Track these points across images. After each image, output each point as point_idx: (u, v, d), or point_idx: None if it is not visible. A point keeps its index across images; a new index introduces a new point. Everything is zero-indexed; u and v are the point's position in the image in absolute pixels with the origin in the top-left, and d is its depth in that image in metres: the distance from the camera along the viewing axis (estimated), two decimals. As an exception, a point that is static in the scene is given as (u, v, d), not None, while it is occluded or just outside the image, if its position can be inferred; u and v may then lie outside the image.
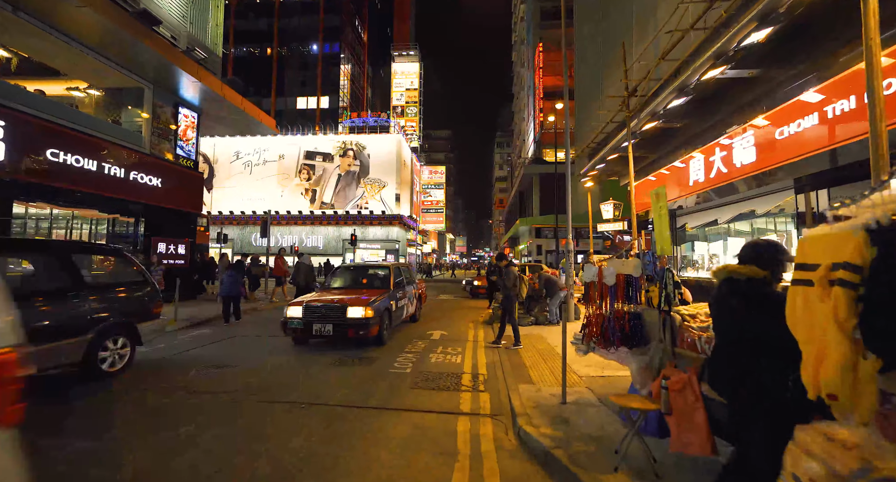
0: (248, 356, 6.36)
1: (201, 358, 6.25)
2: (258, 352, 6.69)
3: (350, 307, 6.50)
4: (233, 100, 13.31)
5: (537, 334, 7.87)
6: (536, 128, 43.60)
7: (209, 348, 6.95)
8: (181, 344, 7.23)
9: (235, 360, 6.01)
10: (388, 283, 8.01)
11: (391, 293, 7.61)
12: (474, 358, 6.25)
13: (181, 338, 7.73)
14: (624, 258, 3.65)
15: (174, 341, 7.48)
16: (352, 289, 7.86)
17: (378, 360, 5.99)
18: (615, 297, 3.47)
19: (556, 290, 9.11)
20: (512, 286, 7.03)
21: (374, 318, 6.50)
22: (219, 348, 6.98)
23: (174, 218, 12.39)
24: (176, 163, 12.44)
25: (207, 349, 6.88)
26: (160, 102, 11.82)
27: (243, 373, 5.31)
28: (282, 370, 5.53)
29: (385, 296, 7.26)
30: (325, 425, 3.64)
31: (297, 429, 3.54)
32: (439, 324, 9.50)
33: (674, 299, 2.86)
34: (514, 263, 10.46)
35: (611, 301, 3.51)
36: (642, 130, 9.57)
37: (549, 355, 6.20)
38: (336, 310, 6.54)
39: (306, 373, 5.37)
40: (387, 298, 7.28)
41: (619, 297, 3.43)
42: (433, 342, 7.39)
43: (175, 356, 6.36)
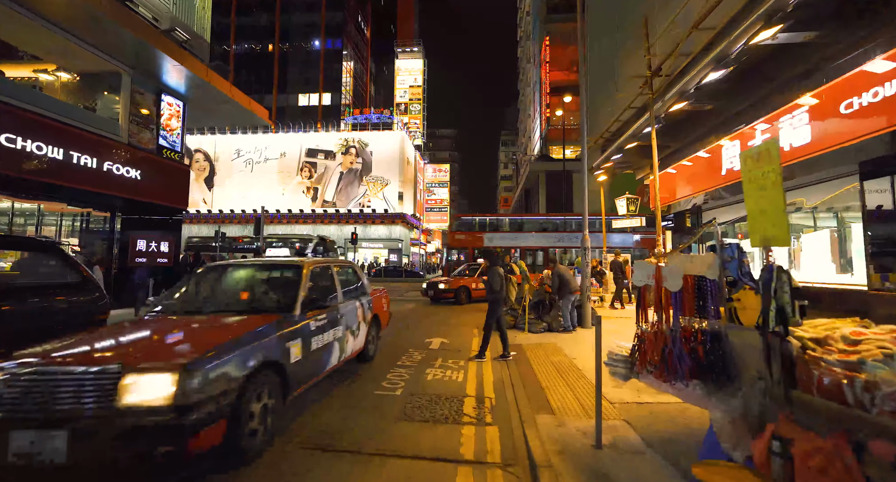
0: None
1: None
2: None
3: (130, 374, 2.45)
4: (221, 87, 12.42)
5: (551, 343, 6.88)
6: (543, 124, 42.50)
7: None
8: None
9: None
10: (293, 301, 3.86)
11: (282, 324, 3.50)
12: (479, 374, 5.27)
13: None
14: (686, 254, 2.66)
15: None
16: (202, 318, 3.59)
17: (362, 378, 5.03)
18: (681, 308, 2.48)
19: (568, 291, 8.12)
20: (499, 289, 6.05)
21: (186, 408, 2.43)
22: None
23: (156, 213, 11.51)
24: (158, 154, 11.56)
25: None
26: (140, 89, 10.94)
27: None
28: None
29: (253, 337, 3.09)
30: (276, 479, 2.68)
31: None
32: (439, 330, 8.54)
33: (793, 315, 1.86)
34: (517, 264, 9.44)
35: (675, 313, 2.52)
36: (669, 112, 8.55)
37: (568, 371, 5.21)
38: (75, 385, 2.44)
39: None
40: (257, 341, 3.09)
41: (688, 309, 2.44)
42: (431, 353, 6.42)
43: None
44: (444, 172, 60.70)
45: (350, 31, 50.05)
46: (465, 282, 13.00)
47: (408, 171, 45.33)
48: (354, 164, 43.22)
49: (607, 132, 12.75)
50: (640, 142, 10.76)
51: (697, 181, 9.96)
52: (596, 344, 3.33)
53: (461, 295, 12.73)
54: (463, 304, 12.78)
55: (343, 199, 42.91)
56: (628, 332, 8.24)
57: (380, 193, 42.49)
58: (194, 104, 13.13)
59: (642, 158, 12.77)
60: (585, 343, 6.92)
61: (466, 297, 12.83)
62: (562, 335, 7.64)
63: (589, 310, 8.27)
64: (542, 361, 5.75)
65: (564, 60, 41.57)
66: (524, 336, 7.58)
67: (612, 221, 14.38)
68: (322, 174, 43.57)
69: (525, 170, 49.21)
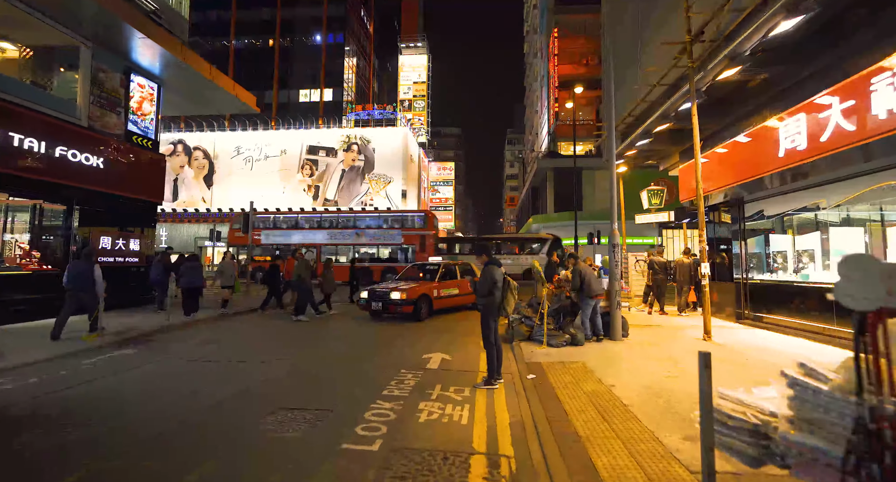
0: (155, 403, 4.16)
1: (80, 401, 4.07)
2: (174, 394, 4.48)
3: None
4: (199, 68, 11.19)
5: (578, 363, 5.53)
6: (551, 119, 41.03)
7: (108, 381, 4.78)
8: (77, 373, 5.09)
9: (125, 412, 3.82)
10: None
11: None
12: (490, 411, 3.95)
13: (87, 363, 5.60)
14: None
15: (77, 366, 5.37)
16: None
17: (331, 417, 3.73)
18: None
19: (588, 295, 6.77)
20: (486, 293, 4.72)
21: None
22: (122, 382, 4.80)
23: (124, 207, 10.31)
24: (127, 141, 10.36)
25: (105, 383, 4.71)
26: (104, 66, 9.74)
27: (118, 441, 3.10)
28: (177, 437, 3.31)
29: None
30: None
31: None
32: (441, 341, 7.22)
33: None
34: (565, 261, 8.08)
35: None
36: (715, 82, 7.16)
37: (610, 408, 3.85)
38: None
39: (207, 442, 3.15)
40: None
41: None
42: (429, 375, 5.10)
43: (41, 398, 4.18)
44: (448, 170, 59.41)
45: (352, 26, 48.87)
46: (424, 290, 9.54)
47: (411, 169, 44.07)
48: (356, 161, 42.03)
49: (630, 116, 11.35)
50: (671, 123, 9.37)
51: (738, 168, 8.57)
52: (701, 396, 1.98)
53: (421, 307, 9.23)
54: (423, 321, 9.24)
55: (345, 198, 41.71)
56: (670, 346, 6.86)
57: (382, 191, 41.27)
58: (172, 88, 11.92)
59: (670, 145, 11.37)
60: (621, 362, 5.57)
61: (428, 310, 9.49)
62: (588, 350, 6.28)
63: (619, 318, 6.92)
64: (572, 390, 4.40)
65: (574, 53, 40.15)
66: (542, 351, 6.24)
67: (636, 217, 12.95)
68: (323, 172, 42.45)
69: (532, 167, 47.72)
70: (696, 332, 7.63)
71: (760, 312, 8.39)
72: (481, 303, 4.80)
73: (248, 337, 7.86)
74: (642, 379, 4.74)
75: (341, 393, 4.39)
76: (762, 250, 8.86)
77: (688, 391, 4.22)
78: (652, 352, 6.05)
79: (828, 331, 6.42)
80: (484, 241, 6.17)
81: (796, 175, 6.82)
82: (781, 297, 7.84)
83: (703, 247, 6.99)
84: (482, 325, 4.81)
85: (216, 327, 8.72)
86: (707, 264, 6.96)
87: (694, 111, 7.20)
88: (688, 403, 3.83)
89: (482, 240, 21.67)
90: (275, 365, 5.60)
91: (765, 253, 8.76)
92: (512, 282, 4.94)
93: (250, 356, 6.12)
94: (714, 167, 9.59)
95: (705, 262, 6.98)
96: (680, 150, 11.27)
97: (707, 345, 6.51)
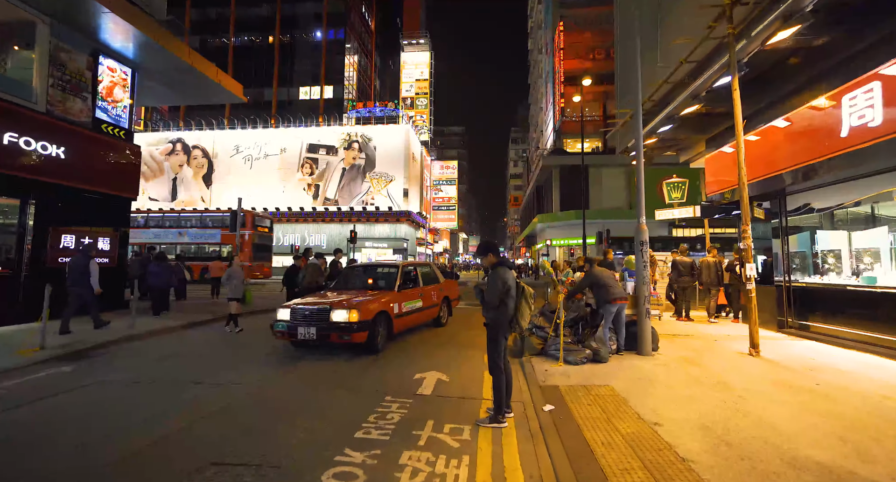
0: (43, 452, 3.14)
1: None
2: (78, 437, 3.45)
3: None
4: (177, 52, 10.23)
5: (605, 388, 4.45)
6: (556, 115, 39.85)
7: (8, 416, 3.76)
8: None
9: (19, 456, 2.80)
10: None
11: None
12: (497, 466, 2.89)
13: (6, 386, 4.60)
14: None
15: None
16: None
17: (279, 476, 2.68)
18: None
19: (605, 300, 5.73)
20: (496, 304, 3.67)
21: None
22: (26, 416, 3.79)
23: (92, 203, 9.36)
24: (95, 129, 9.40)
25: (9, 416, 3.70)
26: (66, 46, 8.79)
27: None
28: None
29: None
30: None
31: None
32: (437, 355, 6.16)
33: None
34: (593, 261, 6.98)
35: None
36: (763, 49, 6.06)
37: (668, 469, 2.76)
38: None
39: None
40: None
41: None
42: (419, 406, 4.05)
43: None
44: (451, 169, 58.40)
45: (354, 22, 48.00)
46: (381, 305, 6.33)
47: (413, 168, 43.09)
48: (357, 159, 41.13)
49: (649, 100, 10.22)
50: (700, 105, 8.27)
51: (778, 156, 7.47)
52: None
53: (378, 332, 6.18)
54: (381, 352, 6.29)
55: (345, 197, 40.84)
56: (713, 363, 5.49)
57: (384, 190, 40.33)
58: (149, 74, 10.97)
59: (692, 133, 10.25)
60: (658, 386, 4.49)
61: (388, 334, 6.55)
62: (613, 369, 5.21)
63: (648, 329, 5.84)
64: (604, 431, 3.34)
65: (580, 47, 39.06)
66: (559, 370, 5.17)
67: (656, 213, 11.84)
68: (324, 171, 41.58)
69: (537, 166, 46.57)
70: (736, 345, 6.54)
71: (807, 320, 7.29)
72: (490, 317, 3.75)
73: (217, 348, 6.83)
74: (694, 413, 3.67)
75: (301, 436, 3.35)
76: (807, 249, 7.73)
77: (765, 436, 3.15)
78: (693, 373, 4.97)
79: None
80: (489, 239, 4.49)
81: (853, 160, 5.70)
82: (835, 304, 6.73)
83: (749, 245, 5.89)
84: (489, 345, 3.76)
85: (184, 336, 7.71)
86: (753, 265, 5.86)
87: (735, 85, 6.12)
88: (777, 460, 2.76)
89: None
90: (233, 390, 4.57)
91: (810, 252, 7.64)
92: (527, 288, 3.88)
93: (210, 375, 5.10)
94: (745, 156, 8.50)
95: (750, 263, 5.88)
96: (706, 138, 10.15)
97: (757, 363, 5.42)
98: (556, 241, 33.10)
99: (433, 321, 8.48)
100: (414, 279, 7.80)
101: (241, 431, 3.43)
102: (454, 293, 9.54)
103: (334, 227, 40.31)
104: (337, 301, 6.19)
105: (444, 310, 8.78)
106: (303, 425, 3.55)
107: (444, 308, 8.77)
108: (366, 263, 8.82)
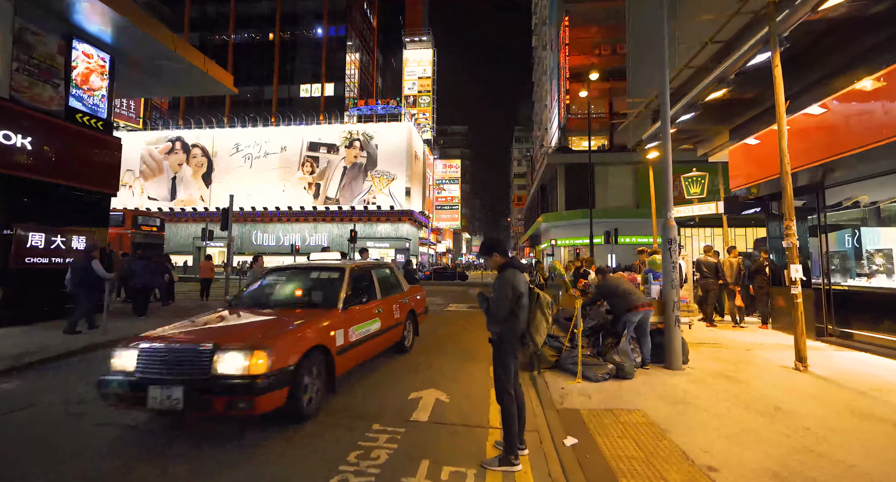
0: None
1: None
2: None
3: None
4: (160, 37, 9.55)
5: (636, 414, 3.69)
6: (562, 113, 39.05)
7: None
8: None
9: None
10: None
11: None
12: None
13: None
14: None
15: None
16: None
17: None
18: None
19: (625, 308, 4.99)
20: (504, 315, 2.96)
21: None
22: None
23: (65, 199, 8.70)
24: (69, 119, 8.74)
25: None
26: (35, 28, 8.12)
27: None
28: None
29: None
30: None
31: None
32: (438, 365, 5.42)
33: None
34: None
35: None
36: (815, 15, 5.30)
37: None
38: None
39: None
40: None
41: None
42: (413, 436, 3.32)
43: None
44: (454, 168, 57.67)
45: (355, 19, 47.36)
46: (316, 336, 3.76)
47: (416, 166, 42.38)
48: (359, 158, 40.47)
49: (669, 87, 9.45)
50: (727, 90, 7.49)
51: (815, 146, 6.71)
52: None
53: (304, 386, 3.53)
54: (307, 421, 3.58)
55: (346, 196, 40.19)
56: (756, 381, 4.30)
57: (385, 189, 39.65)
58: (130, 61, 10.30)
59: (715, 123, 9.46)
60: (700, 412, 3.73)
61: (324, 387, 3.89)
62: (641, 387, 4.45)
63: (679, 339, 5.08)
64: (644, 478, 2.60)
65: (585, 43, 38.25)
66: (577, 388, 4.42)
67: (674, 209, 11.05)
68: (324, 169, 40.94)
69: (541, 164, 45.76)
70: (773, 355, 5.78)
71: (850, 328, 6.50)
72: (496, 332, 3.02)
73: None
74: (755, 453, 2.92)
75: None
76: (848, 248, 6.95)
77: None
78: (738, 394, 4.21)
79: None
80: (493, 237, 3.63)
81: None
82: (885, 310, 5.95)
83: (794, 244, 5.12)
84: (496, 367, 3.03)
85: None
86: (798, 267, 5.10)
87: (776, 61, 5.36)
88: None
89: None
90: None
91: (852, 252, 6.85)
92: (543, 295, 3.13)
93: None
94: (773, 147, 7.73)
95: (795, 264, 5.11)
96: (729, 129, 9.37)
97: (809, 381, 4.65)
98: (561, 241, 32.26)
99: (395, 346, 5.85)
100: (368, 289, 5.19)
101: (167, 472, 2.70)
102: (421, 304, 6.87)
103: (335, 226, 39.67)
104: (227, 333, 3.51)
105: (408, 330, 6.22)
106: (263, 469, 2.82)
107: (408, 326, 6.21)
108: (294, 265, 5.81)
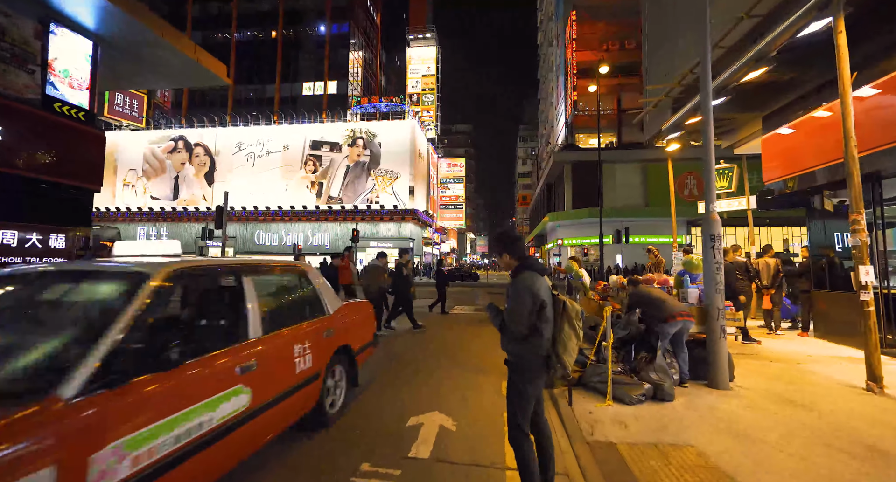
0: None
1: None
2: None
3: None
4: (147, 21, 8.91)
5: (689, 453, 2.93)
6: (569, 109, 38.20)
7: None
8: None
9: None
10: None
11: None
12: None
13: None
14: None
15: None
16: None
17: None
18: None
19: (660, 319, 4.26)
20: (526, 333, 2.26)
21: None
22: None
23: (42, 195, 8.07)
24: (45, 108, 8.11)
25: None
26: (6, 8, 7.50)
27: None
28: None
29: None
30: None
31: None
32: (437, 382, 4.69)
33: None
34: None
35: None
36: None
37: None
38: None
39: None
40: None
41: None
42: (411, 477, 2.60)
43: None
44: (459, 167, 56.93)
45: (358, 16, 46.74)
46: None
47: (420, 165, 41.73)
48: (362, 156, 39.88)
49: (691, 73, 8.67)
50: (767, 69, 6.69)
51: (870, 131, 5.91)
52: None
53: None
54: None
55: (350, 195, 39.60)
56: (824, 406, 3.00)
57: (389, 188, 39.02)
58: (115, 49, 9.66)
59: (745, 110, 8.67)
60: (767, 447, 2.98)
61: None
62: (685, 412, 3.70)
63: (724, 352, 4.33)
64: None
65: (593, 38, 37.42)
66: (609, 413, 3.68)
67: (699, 205, 10.28)
68: (327, 168, 40.40)
69: (547, 163, 44.91)
70: (832, 370, 5.01)
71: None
72: (513, 353, 2.29)
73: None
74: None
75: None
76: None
77: None
78: (809, 423, 3.45)
79: None
80: (504, 230, 2.51)
81: None
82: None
83: (863, 241, 4.34)
84: (509, 396, 2.30)
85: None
86: (868, 268, 4.32)
87: (840, 26, 4.58)
88: None
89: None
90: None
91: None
92: (571, 304, 2.38)
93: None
94: (813, 136, 6.97)
95: (865, 265, 4.33)
96: (762, 116, 8.58)
97: (892, 406, 3.88)
98: (568, 241, 31.46)
99: (310, 415, 3.22)
100: (221, 318, 2.75)
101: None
102: (362, 335, 4.20)
103: (338, 225, 39.11)
104: None
105: (332, 382, 3.53)
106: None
107: (335, 375, 3.61)
108: (29, 269, 2.46)
